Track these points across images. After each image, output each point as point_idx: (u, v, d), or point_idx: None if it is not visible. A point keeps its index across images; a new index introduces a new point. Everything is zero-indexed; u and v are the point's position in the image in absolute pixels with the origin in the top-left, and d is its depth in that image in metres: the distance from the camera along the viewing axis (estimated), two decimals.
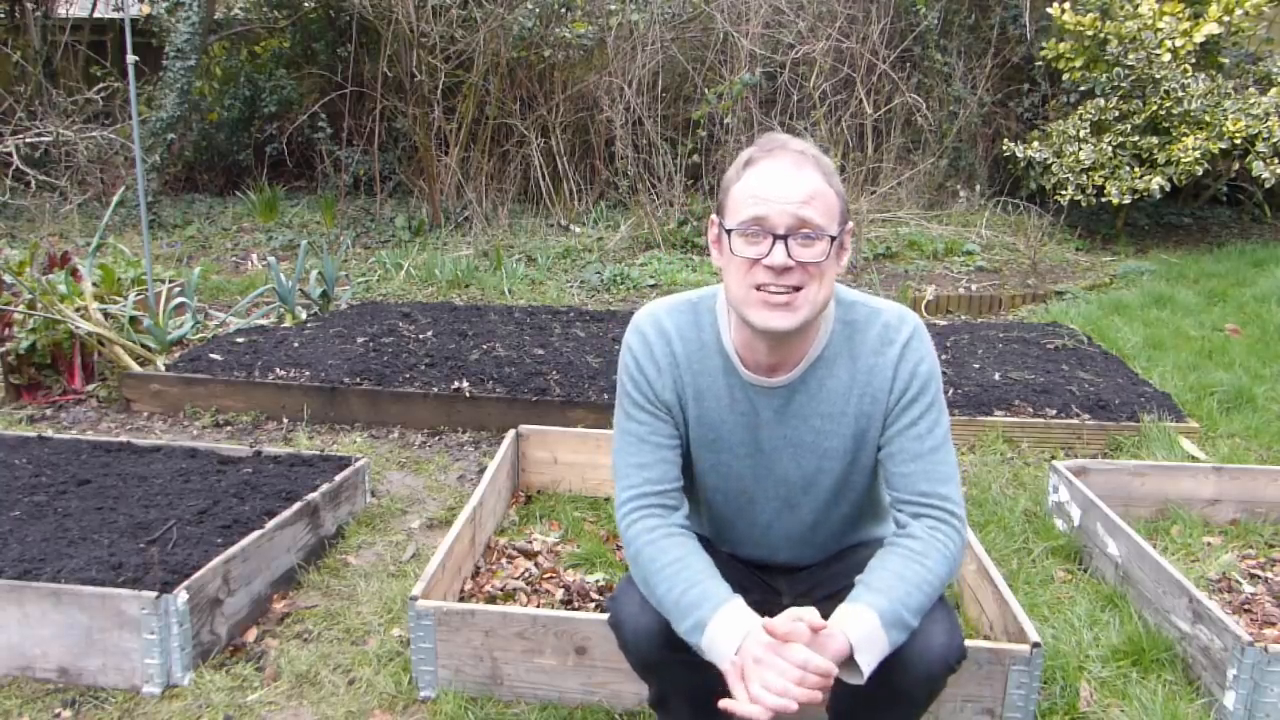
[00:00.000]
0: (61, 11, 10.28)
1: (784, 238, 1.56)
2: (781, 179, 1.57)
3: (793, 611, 1.50)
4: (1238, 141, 6.89)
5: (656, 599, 1.65)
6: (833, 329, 1.73)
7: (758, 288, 1.59)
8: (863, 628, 1.51)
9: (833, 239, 1.58)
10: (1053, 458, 3.61)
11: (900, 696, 1.67)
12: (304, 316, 5.33)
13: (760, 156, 1.61)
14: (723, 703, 1.49)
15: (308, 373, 4.20)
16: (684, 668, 1.75)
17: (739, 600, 1.59)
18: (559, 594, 2.67)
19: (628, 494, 1.76)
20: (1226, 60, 7.56)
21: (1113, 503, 2.97)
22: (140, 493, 2.89)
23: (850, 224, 1.66)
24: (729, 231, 1.61)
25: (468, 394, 4.05)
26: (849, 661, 1.50)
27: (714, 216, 1.68)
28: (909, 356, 1.70)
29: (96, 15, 10.50)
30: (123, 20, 5.56)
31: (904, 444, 1.70)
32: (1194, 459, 3.62)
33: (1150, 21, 7.11)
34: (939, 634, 1.61)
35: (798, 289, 1.58)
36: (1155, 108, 7.11)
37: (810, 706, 1.48)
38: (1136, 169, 7.15)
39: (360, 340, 4.69)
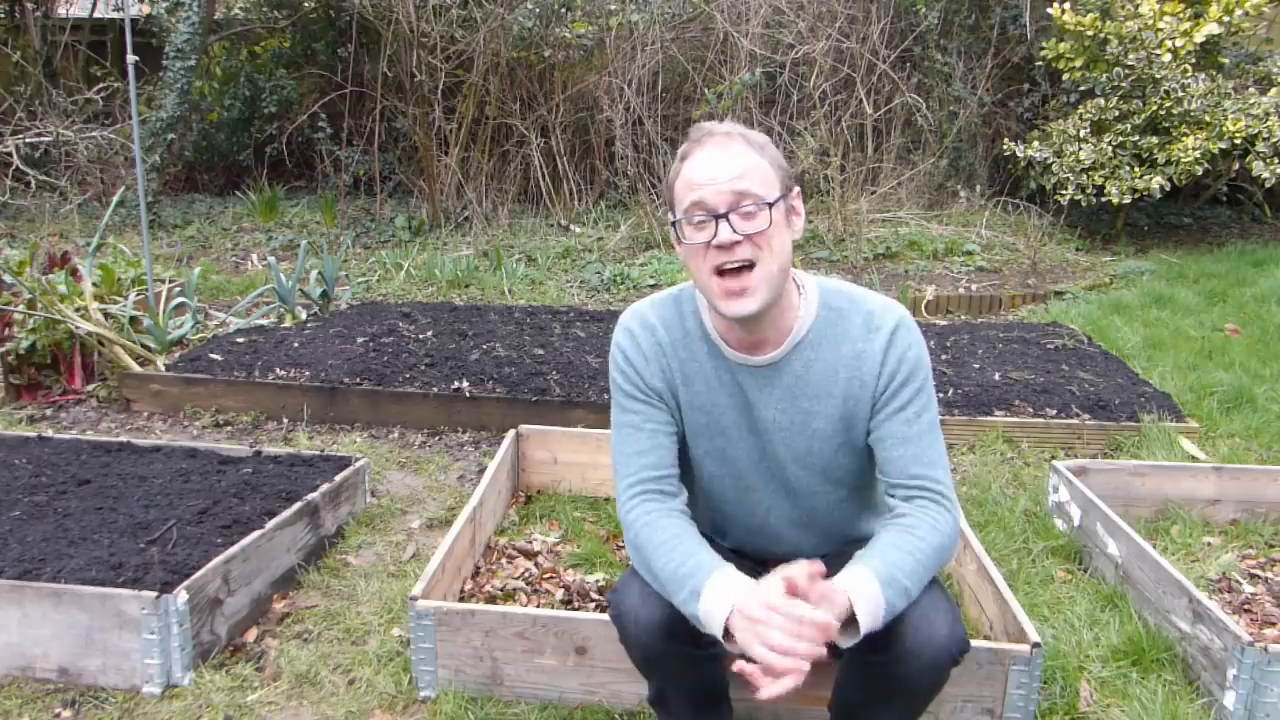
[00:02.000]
0: (61, 11, 10.29)
1: (725, 215, 1.61)
2: (712, 162, 1.64)
3: (781, 569, 1.51)
4: (1238, 141, 6.89)
5: (654, 575, 1.68)
6: (817, 313, 1.77)
7: (716, 273, 1.64)
8: (859, 582, 1.55)
9: (771, 205, 1.63)
10: (1053, 458, 3.61)
11: (903, 689, 1.68)
12: (304, 316, 5.34)
13: (692, 148, 1.69)
14: (736, 665, 1.51)
15: (308, 373, 4.20)
16: (685, 661, 1.76)
17: (731, 567, 1.62)
18: (559, 594, 2.67)
19: (627, 481, 1.79)
20: (1226, 60, 7.56)
21: (1113, 503, 2.96)
22: (140, 493, 2.89)
23: (796, 189, 1.72)
24: (677, 223, 1.68)
25: (468, 394, 4.05)
26: (847, 623, 1.52)
27: (668, 214, 1.74)
28: (897, 342, 1.74)
29: (96, 15, 10.50)
30: (123, 20, 5.56)
31: (894, 428, 1.74)
32: (1194, 459, 3.62)
33: (1150, 21, 7.11)
34: (942, 624, 1.63)
35: (751, 265, 1.63)
36: (1155, 108, 7.11)
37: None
38: (1136, 169, 7.15)
39: (360, 340, 4.69)
